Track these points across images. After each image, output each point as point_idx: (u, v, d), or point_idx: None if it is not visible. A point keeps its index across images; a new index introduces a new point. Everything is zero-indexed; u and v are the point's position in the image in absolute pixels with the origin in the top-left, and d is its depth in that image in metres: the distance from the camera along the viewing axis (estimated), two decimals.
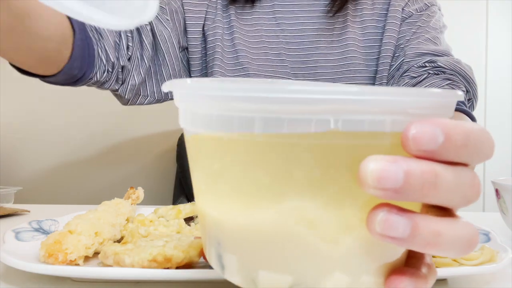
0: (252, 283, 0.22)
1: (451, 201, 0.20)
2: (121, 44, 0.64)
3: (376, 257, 0.22)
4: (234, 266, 0.23)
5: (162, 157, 1.43)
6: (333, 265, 0.21)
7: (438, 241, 0.20)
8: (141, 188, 0.54)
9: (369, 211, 0.20)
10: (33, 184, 1.39)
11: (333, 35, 0.73)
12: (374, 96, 0.19)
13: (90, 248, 0.37)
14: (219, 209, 0.23)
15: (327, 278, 0.21)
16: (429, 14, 0.73)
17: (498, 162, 1.57)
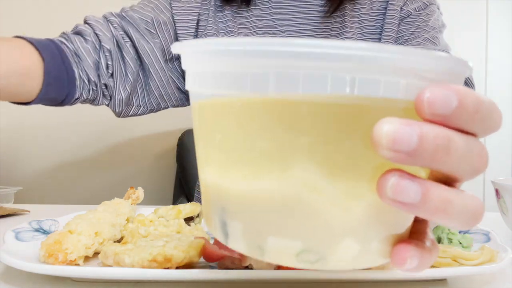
0: (259, 249, 0.22)
1: (460, 169, 0.20)
2: (101, 64, 0.66)
3: (386, 226, 0.22)
4: (240, 233, 0.22)
5: (162, 157, 1.43)
6: (344, 231, 0.21)
7: (447, 208, 0.20)
8: (141, 188, 0.54)
9: (379, 176, 0.20)
10: (33, 184, 1.39)
11: (331, 35, 0.73)
12: (391, 55, 0.19)
13: (90, 248, 0.37)
14: (225, 177, 0.22)
15: (337, 244, 0.21)
16: (428, 13, 0.72)
17: (498, 162, 1.57)
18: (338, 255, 0.21)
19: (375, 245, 0.22)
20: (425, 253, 0.22)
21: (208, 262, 0.38)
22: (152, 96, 0.73)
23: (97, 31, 0.67)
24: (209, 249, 0.36)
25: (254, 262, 0.36)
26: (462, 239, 0.41)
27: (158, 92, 0.73)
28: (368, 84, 0.19)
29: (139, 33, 0.70)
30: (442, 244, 0.40)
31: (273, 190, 0.21)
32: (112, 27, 0.68)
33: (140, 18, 0.71)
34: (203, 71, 0.22)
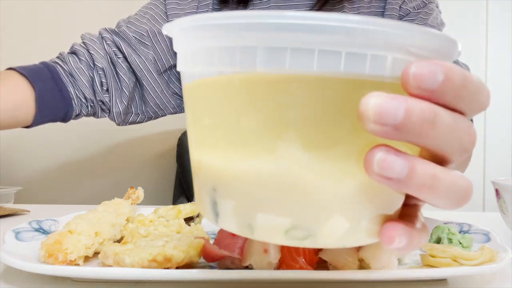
0: (248, 227, 0.22)
1: (448, 145, 0.20)
2: (95, 81, 0.70)
3: (375, 205, 0.22)
4: (230, 212, 0.22)
5: (162, 157, 1.43)
6: (332, 209, 0.21)
7: (434, 184, 0.20)
8: (141, 188, 0.54)
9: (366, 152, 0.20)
10: (33, 184, 1.39)
11: None
12: (380, 27, 0.19)
13: (90, 248, 0.37)
14: (215, 157, 0.22)
15: (326, 221, 0.21)
16: (426, 11, 0.72)
17: (498, 162, 1.57)
18: (327, 232, 0.21)
19: (364, 223, 0.22)
20: (414, 233, 0.22)
21: (208, 262, 0.38)
22: (149, 106, 0.76)
23: (90, 51, 0.70)
24: (209, 249, 0.36)
25: (254, 262, 0.36)
26: (462, 239, 0.41)
27: (153, 102, 0.75)
28: (355, 59, 0.19)
29: (131, 47, 0.73)
30: (442, 244, 0.40)
31: (262, 168, 0.21)
32: (105, 44, 0.72)
33: (135, 31, 0.74)
34: (193, 48, 0.22)
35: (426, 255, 0.37)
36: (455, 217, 0.52)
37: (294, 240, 0.21)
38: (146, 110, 0.76)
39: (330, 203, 0.21)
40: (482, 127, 1.56)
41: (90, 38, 0.72)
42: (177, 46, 0.24)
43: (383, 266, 0.35)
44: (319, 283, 0.35)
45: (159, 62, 0.74)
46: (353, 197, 0.21)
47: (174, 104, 0.78)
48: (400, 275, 0.35)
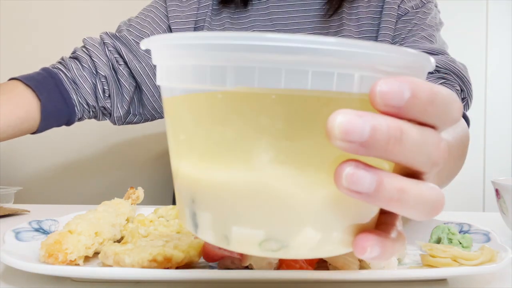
0: (225, 239, 0.23)
1: (415, 160, 0.21)
2: (97, 89, 0.72)
3: (347, 216, 0.22)
4: (207, 223, 0.23)
5: (162, 157, 1.43)
6: (304, 220, 0.22)
7: (402, 197, 0.20)
8: (141, 188, 0.54)
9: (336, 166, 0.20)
10: (33, 184, 1.39)
11: (329, 33, 0.73)
12: (345, 48, 0.19)
13: (90, 248, 0.37)
14: (193, 168, 0.23)
15: (298, 233, 0.22)
16: (425, 11, 0.72)
17: (498, 162, 1.57)
18: (299, 244, 0.22)
19: (337, 234, 0.22)
20: (387, 242, 0.22)
21: (208, 262, 0.38)
22: (146, 109, 0.78)
23: (93, 58, 0.72)
24: (209, 249, 0.36)
25: (254, 262, 0.36)
26: (462, 239, 0.41)
27: (151, 106, 0.77)
28: (322, 77, 0.20)
29: (131, 53, 0.74)
30: (442, 244, 0.40)
31: (236, 181, 0.22)
32: (107, 50, 0.73)
33: (136, 35, 0.75)
34: (168, 65, 0.23)
35: (426, 255, 0.37)
36: (455, 217, 0.52)
37: (268, 252, 0.22)
38: (143, 112, 0.78)
39: (302, 215, 0.22)
40: (482, 127, 1.56)
41: (92, 44, 0.73)
42: (155, 60, 0.25)
43: (383, 266, 0.35)
44: (319, 283, 0.35)
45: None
46: (324, 209, 0.22)
47: None
48: (400, 275, 0.35)
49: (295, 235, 0.22)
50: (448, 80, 0.66)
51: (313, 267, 0.36)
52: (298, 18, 0.74)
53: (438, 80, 0.65)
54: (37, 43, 1.33)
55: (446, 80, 0.66)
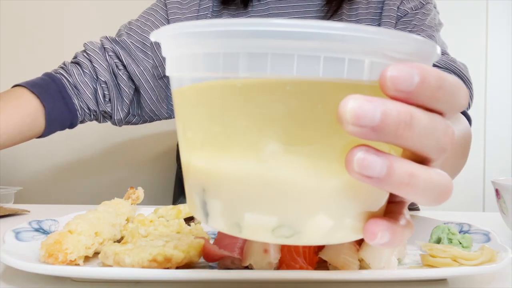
0: (236, 226, 0.23)
1: (425, 145, 0.21)
2: (98, 94, 0.73)
3: (359, 203, 0.22)
4: (219, 211, 0.23)
5: (162, 157, 1.43)
6: (316, 207, 0.22)
7: (412, 182, 0.21)
8: (141, 188, 0.54)
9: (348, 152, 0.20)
10: (33, 184, 1.39)
11: None
12: (356, 33, 0.20)
13: (90, 248, 0.37)
14: (203, 159, 0.23)
15: (310, 220, 0.22)
16: (424, 12, 0.73)
17: (498, 162, 1.57)
18: (312, 230, 0.22)
19: (348, 221, 0.23)
20: (397, 229, 0.23)
21: (208, 262, 0.38)
22: (144, 111, 0.79)
23: (94, 63, 0.73)
24: (209, 249, 0.36)
25: (254, 262, 0.36)
26: (462, 239, 0.41)
27: (149, 108, 0.79)
28: (333, 64, 0.20)
29: (130, 57, 0.76)
30: (442, 244, 0.40)
31: (248, 169, 0.22)
32: (107, 55, 0.75)
33: (137, 40, 0.76)
34: (179, 55, 0.23)
35: (426, 255, 0.37)
36: (455, 217, 0.52)
37: (281, 238, 0.22)
38: (141, 114, 0.80)
39: (314, 201, 0.22)
40: (482, 127, 1.56)
41: (92, 49, 0.74)
42: (165, 51, 0.25)
43: (383, 266, 0.35)
44: (319, 283, 0.35)
45: (160, 67, 0.77)
46: (336, 196, 0.22)
47: (167, 109, 0.81)
48: (400, 275, 0.35)
49: (307, 221, 0.22)
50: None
51: (313, 267, 0.36)
52: (298, 19, 0.74)
53: None
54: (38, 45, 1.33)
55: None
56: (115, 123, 0.79)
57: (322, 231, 0.22)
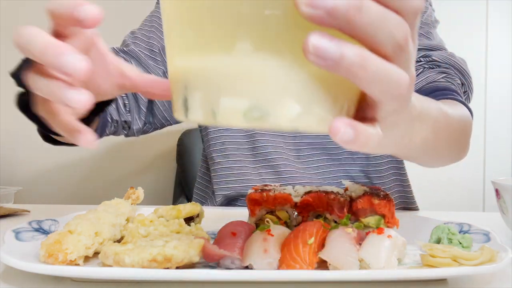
0: (212, 113, 0.25)
1: (377, 36, 0.23)
2: (119, 104, 0.73)
3: (327, 94, 0.24)
4: (197, 103, 0.25)
5: (162, 157, 1.43)
6: (285, 92, 0.24)
7: (364, 64, 0.22)
8: (141, 188, 0.54)
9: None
10: (33, 184, 1.39)
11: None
12: None
13: (90, 248, 0.37)
14: (186, 58, 0.25)
15: (279, 103, 0.24)
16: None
17: (498, 162, 1.57)
18: (280, 113, 0.24)
19: (317, 110, 0.24)
20: (361, 128, 0.24)
21: (208, 262, 0.38)
22: (156, 118, 0.79)
23: None
24: (209, 249, 0.36)
25: (254, 262, 0.36)
26: (462, 239, 0.41)
27: (161, 115, 0.79)
28: None
29: (141, 65, 0.75)
30: (442, 244, 0.40)
31: (224, 64, 0.24)
32: None
33: (144, 47, 0.76)
34: None
35: (426, 255, 0.37)
36: (455, 217, 0.52)
37: (251, 121, 0.24)
38: (153, 121, 0.80)
39: (284, 88, 0.24)
40: (482, 127, 1.56)
41: None
42: None
43: (383, 266, 0.35)
44: (319, 283, 0.35)
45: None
46: (304, 83, 0.24)
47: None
48: (400, 275, 0.35)
49: (276, 105, 0.24)
50: (449, 74, 0.66)
51: (313, 267, 0.36)
52: None
53: (439, 74, 0.66)
54: None
55: (447, 74, 0.66)
56: (133, 134, 0.78)
57: (290, 116, 0.24)
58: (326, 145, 0.72)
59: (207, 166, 0.83)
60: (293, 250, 0.36)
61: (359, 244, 0.38)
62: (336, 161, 0.73)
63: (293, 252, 0.36)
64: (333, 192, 0.46)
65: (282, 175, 0.71)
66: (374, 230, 0.41)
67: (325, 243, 0.38)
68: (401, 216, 0.48)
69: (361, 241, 0.39)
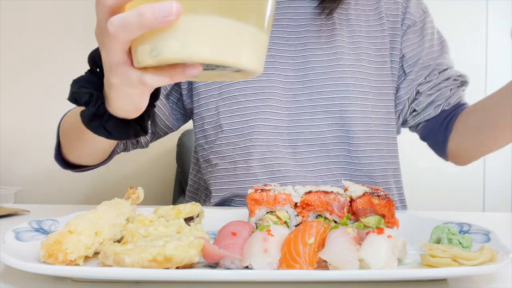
0: (148, 55, 0.35)
1: None
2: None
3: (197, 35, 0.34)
4: (146, 52, 0.35)
5: (162, 157, 1.43)
6: (168, 35, 0.34)
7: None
8: (141, 188, 0.54)
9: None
10: (33, 184, 1.39)
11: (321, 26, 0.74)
12: None
13: (90, 248, 0.37)
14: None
15: (165, 42, 0.34)
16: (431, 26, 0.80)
17: (498, 162, 1.57)
18: (167, 49, 0.34)
19: (192, 45, 0.34)
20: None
21: (208, 262, 0.38)
22: (159, 127, 0.81)
23: None
24: (209, 249, 0.36)
25: (254, 262, 0.36)
26: (462, 239, 0.41)
27: (163, 124, 0.80)
28: None
29: None
30: (442, 244, 0.40)
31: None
32: None
33: None
34: None
35: (426, 255, 0.37)
36: (455, 217, 0.52)
37: (153, 58, 0.35)
38: (156, 130, 0.81)
39: (165, 32, 0.34)
40: None
41: None
42: None
43: (383, 266, 0.35)
44: (319, 283, 0.35)
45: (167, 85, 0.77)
46: (178, 27, 0.33)
47: (177, 119, 0.82)
48: (400, 275, 0.35)
49: (165, 44, 0.34)
50: (463, 86, 0.77)
51: (313, 267, 0.36)
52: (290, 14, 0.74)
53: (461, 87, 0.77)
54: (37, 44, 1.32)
55: (463, 86, 0.78)
56: (142, 146, 0.79)
57: (174, 50, 0.34)
58: (324, 141, 0.72)
59: (198, 169, 0.83)
60: (293, 250, 0.36)
61: (359, 244, 0.38)
62: (333, 158, 0.73)
63: (293, 252, 0.36)
64: (333, 192, 0.46)
65: (276, 175, 0.71)
66: (374, 230, 0.41)
67: (325, 243, 0.39)
68: (401, 216, 0.48)
69: (361, 241, 0.39)
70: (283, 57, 0.73)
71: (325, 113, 0.72)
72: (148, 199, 0.61)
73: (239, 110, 0.72)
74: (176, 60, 0.34)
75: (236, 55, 0.35)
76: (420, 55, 0.77)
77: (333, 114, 0.72)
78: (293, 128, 0.72)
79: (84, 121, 0.47)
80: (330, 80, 0.72)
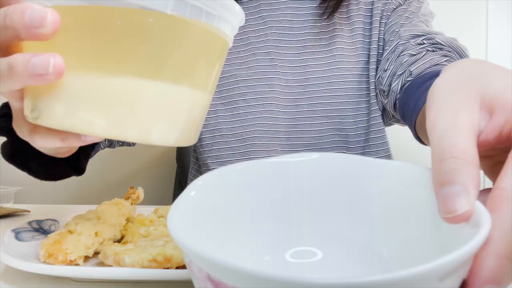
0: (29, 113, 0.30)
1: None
2: None
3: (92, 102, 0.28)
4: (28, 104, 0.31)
5: (162, 157, 1.43)
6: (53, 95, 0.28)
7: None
8: (141, 188, 0.54)
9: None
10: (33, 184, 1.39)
11: (322, 27, 0.74)
12: None
13: (90, 248, 0.37)
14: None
15: (47, 105, 0.28)
16: (417, 2, 0.74)
17: None
18: (49, 113, 0.28)
19: (82, 114, 0.27)
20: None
21: None
22: None
23: None
24: None
25: None
26: None
27: None
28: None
29: None
30: None
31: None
32: None
33: None
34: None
35: None
36: None
37: (35, 119, 0.29)
38: None
39: (50, 91, 0.27)
40: None
41: None
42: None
43: None
44: None
45: None
46: (66, 90, 0.27)
47: None
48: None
49: (46, 106, 0.28)
50: (451, 58, 0.64)
51: None
52: (290, 15, 0.74)
53: (442, 57, 0.64)
54: None
55: (449, 58, 0.64)
56: (128, 144, 0.78)
57: (56, 116, 0.27)
58: (322, 146, 0.72)
59: (198, 168, 0.83)
60: None
61: None
62: None
63: None
64: None
65: None
66: None
67: None
68: None
69: None
70: (283, 61, 0.73)
71: (324, 118, 0.72)
72: (148, 199, 0.61)
73: (239, 115, 0.72)
74: (59, 128, 0.27)
75: (144, 128, 0.27)
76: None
77: (332, 119, 0.71)
78: (292, 133, 0.72)
79: (4, 156, 0.45)
80: (329, 85, 0.72)
